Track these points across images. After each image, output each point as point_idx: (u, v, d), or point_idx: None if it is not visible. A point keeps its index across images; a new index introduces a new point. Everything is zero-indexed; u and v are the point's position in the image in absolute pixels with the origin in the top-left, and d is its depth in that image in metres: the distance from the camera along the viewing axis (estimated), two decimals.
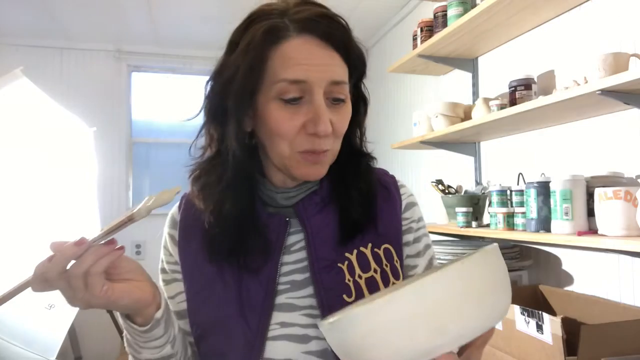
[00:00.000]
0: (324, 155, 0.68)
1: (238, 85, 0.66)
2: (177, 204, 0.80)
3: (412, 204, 0.81)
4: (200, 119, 0.75)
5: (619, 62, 1.31)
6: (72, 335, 2.95)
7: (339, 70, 0.67)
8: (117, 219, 0.55)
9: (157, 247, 0.81)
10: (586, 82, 1.40)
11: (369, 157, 0.79)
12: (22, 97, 2.53)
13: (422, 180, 2.69)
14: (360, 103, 0.77)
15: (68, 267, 0.54)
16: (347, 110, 0.70)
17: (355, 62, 0.70)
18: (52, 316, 2.32)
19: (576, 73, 1.63)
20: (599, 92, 1.28)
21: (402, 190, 0.81)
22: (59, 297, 0.55)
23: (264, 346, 0.68)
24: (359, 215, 0.73)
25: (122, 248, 0.57)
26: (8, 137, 2.45)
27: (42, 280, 0.54)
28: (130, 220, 0.54)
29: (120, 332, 2.88)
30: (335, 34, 0.66)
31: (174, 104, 3.90)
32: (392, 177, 0.83)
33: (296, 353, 0.69)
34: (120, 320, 0.65)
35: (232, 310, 0.69)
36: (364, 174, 0.77)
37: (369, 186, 0.76)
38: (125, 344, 0.68)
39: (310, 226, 0.72)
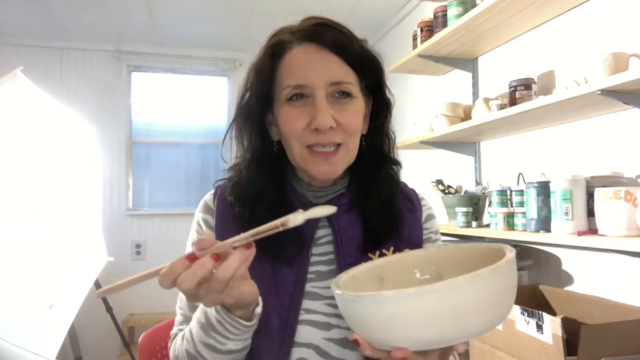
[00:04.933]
0: (333, 154, 0.74)
1: (254, 93, 0.78)
2: (212, 191, 0.84)
3: (432, 216, 0.88)
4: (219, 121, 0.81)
5: (619, 62, 1.31)
6: (72, 335, 2.94)
7: (338, 71, 0.73)
8: (267, 224, 0.55)
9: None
10: (586, 82, 1.40)
11: (393, 163, 0.84)
12: (22, 97, 2.52)
13: (422, 180, 2.69)
14: (381, 108, 0.81)
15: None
16: (355, 107, 0.75)
17: (362, 64, 0.75)
18: (52, 316, 2.32)
19: (576, 73, 1.63)
20: (599, 92, 1.28)
21: (422, 202, 0.88)
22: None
23: (295, 330, 0.73)
24: (381, 227, 0.79)
25: (253, 246, 0.57)
26: (7, 138, 2.45)
27: (173, 281, 0.55)
28: (283, 225, 0.55)
29: (120, 332, 2.88)
30: (331, 38, 0.73)
31: (174, 104, 3.89)
32: (413, 190, 0.89)
33: (318, 339, 0.74)
34: (213, 313, 0.65)
35: (268, 290, 0.73)
36: (384, 181, 0.81)
37: (390, 195, 0.81)
38: (202, 335, 0.67)
39: (338, 225, 0.79)
